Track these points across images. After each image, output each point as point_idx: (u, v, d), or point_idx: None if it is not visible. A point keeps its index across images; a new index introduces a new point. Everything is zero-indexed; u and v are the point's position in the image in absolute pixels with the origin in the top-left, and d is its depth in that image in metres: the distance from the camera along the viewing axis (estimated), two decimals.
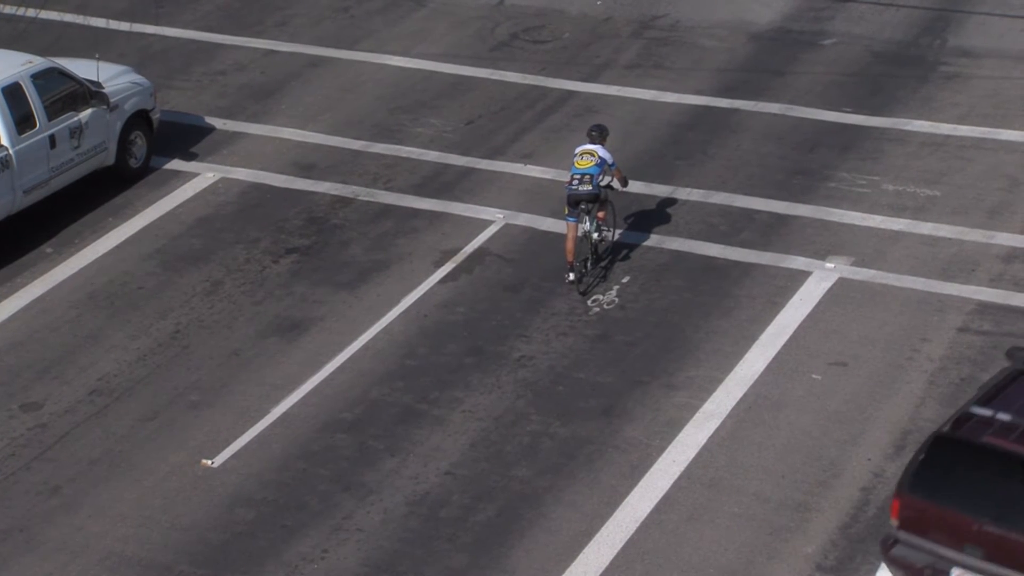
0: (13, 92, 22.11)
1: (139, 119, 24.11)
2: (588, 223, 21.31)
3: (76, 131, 22.91)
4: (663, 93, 26.16)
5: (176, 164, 24.53)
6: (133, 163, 24.12)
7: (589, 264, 21.58)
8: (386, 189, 23.77)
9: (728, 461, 18.22)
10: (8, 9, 28.73)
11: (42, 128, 22.43)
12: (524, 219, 22.90)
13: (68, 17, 28.51)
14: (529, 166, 24.26)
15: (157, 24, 28.51)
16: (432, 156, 24.60)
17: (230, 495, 17.95)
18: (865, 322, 20.48)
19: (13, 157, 22.02)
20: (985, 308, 20.67)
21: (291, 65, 27.39)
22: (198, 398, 19.51)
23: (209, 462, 18.42)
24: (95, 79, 23.47)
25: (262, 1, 29.54)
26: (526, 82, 26.63)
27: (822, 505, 17.53)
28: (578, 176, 21.08)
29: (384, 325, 20.75)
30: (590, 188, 21.05)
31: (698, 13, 28.46)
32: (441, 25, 28.59)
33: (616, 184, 21.68)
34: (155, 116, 24.56)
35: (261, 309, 21.16)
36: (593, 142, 21.40)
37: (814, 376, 19.56)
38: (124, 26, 27.90)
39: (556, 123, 25.47)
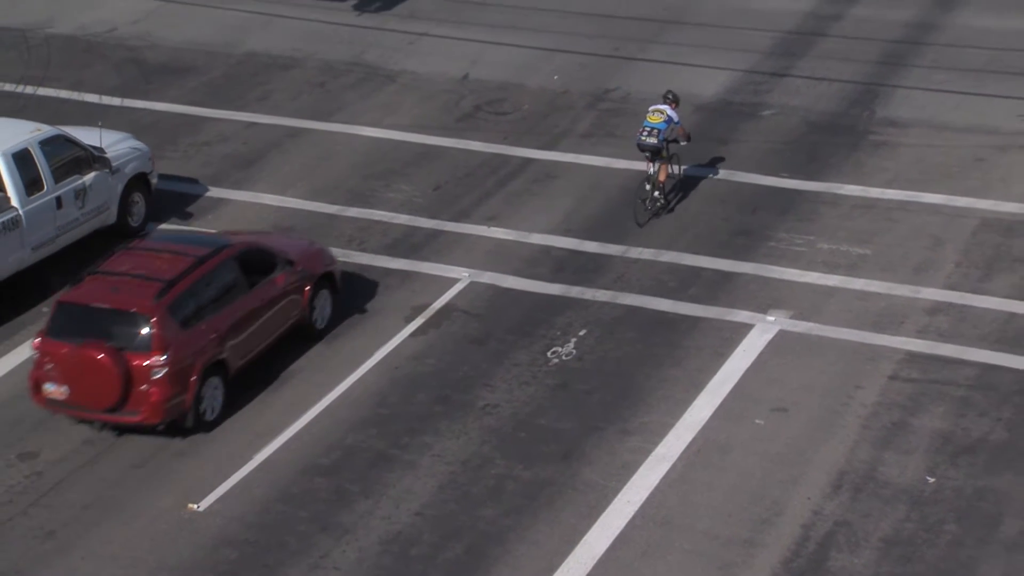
0: (23, 157, 22.24)
1: (138, 181, 24.22)
2: (653, 168, 23.84)
3: (81, 193, 22.97)
4: (616, 160, 26.25)
5: (165, 228, 24.43)
6: (133, 222, 24.19)
7: (648, 203, 23.98)
8: (360, 250, 23.74)
9: (679, 501, 18.18)
10: (8, 86, 28.71)
11: (49, 190, 22.49)
12: (488, 277, 22.89)
13: (64, 93, 28.48)
14: (493, 228, 24.28)
15: (147, 99, 28.49)
16: (402, 219, 24.60)
17: (215, 537, 17.80)
18: (804, 371, 20.52)
19: (23, 217, 22.06)
20: (913, 357, 20.74)
21: (271, 136, 27.39)
22: (185, 446, 19.38)
23: (195, 506, 18.28)
24: (98, 145, 23.55)
25: (244, 77, 29.56)
26: (489, 150, 26.69)
27: (766, 541, 17.50)
28: (647, 129, 23.69)
29: (359, 376, 20.68)
30: (655, 141, 23.64)
31: (647, 86, 28.58)
32: (410, 99, 28.65)
33: (681, 141, 24.25)
34: (153, 179, 24.62)
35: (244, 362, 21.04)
36: (666, 102, 23.96)
37: (757, 421, 19.57)
38: (116, 101, 27.88)
39: (517, 188, 25.51)
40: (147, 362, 18.90)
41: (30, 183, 22.21)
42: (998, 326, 21.34)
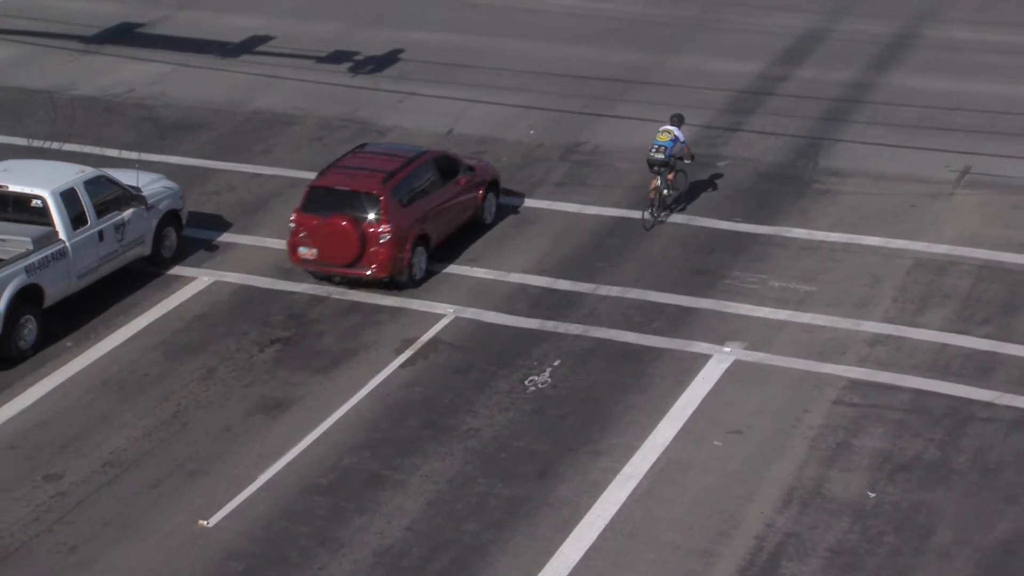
0: (69, 195, 22.41)
1: (171, 217, 24.36)
2: (660, 181, 24.84)
3: (120, 227, 23.12)
4: (586, 206, 26.27)
5: (177, 270, 24.39)
6: (166, 253, 24.34)
7: (656, 209, 25.00)
8: (354, 289, 23.66)
9: (645, 515, 18.13)
10: (37, 142, 28.69)
11: (92, 224, 22.65)
12: (471, 313, 22.87)
13: (87, 148, 28.42)
14: (475, 268, 24.25)
15: (162, 153, 28.44)
16: None
17: (223, 551, 17.69)
18: (757, 397, 20.52)
19: (69, 248, 22.21)
20: (855, 384, 20.76)
21: (274, 186, 27.35)
22: (196, 468, 19.27)
23: (205, 522, 18.17)
24: (135, 184, 23.75)
25: (249, 132, 29.55)
26: None
27: (723, 551, 17.45)
28: (655, 147, 24.87)
29: (354, 403, 20.61)
30: (662, 156, 24.79)
31: (614, 140, 28.67)
32: None
33: (685, 159, 25.18)
34: (183, 215, 24.77)
35: (249, 391, 20.97)
36: (672, 124, 25.12)
37: (715, 443, 19.54)
38: (133, 155, 27.81)
39: (497, 232, 25.49)
40: (377, 230, 22.77)
41: (76, 218, 22.41)
42: (930, 356, 21.39)
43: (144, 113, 30.33)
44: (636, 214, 25.77)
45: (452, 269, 24.21)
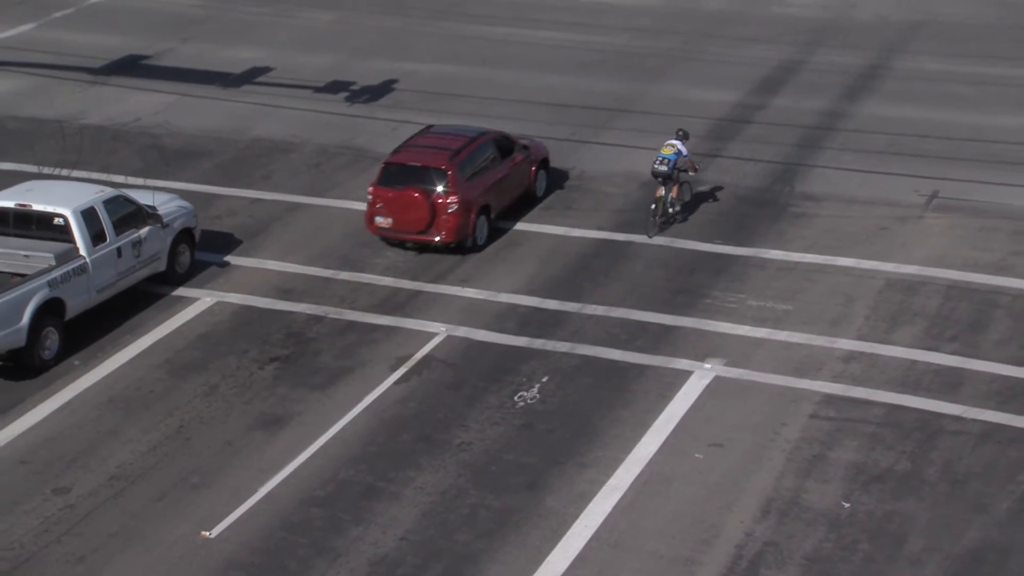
0: (89, 214, 22.59)
1: (184, 235, 24.48)
2: (664, 191, 25.36)
3: (137, 244, 23.27)
4: (572, 229, 26.30)
5: (181, 291, 24.36)
6: (179, 269, 24.44)
7: (658, 217, 25.48)
8: (351, 308, 23.67)
9: (629, 525, 18.11)
10: (47, 169, 28.67)
11: (111, 242, 22.80)
12: (463, 331, 22.85)
13: (95, 175, 28.37)
14: (466, 288, 24.25)
15: (166, 179, 28.41)
16: (387, 281, 24.56)
17: (225, 560, 17.63)
18: (736, 411, 20.52)
19: (89, 264, 22.36)
20: (830, 399, 20.77)
21: (273, 210, 27.35)
22: (198, 481, 19.22)
23: (208, 533, 18.11)
24: (151, 204, 23.87)
25: (250, 159, 29.56)
26: None
27: (704, 560, 17.43)
28: (659, 159, 25.36)
29: (350, 418, 20.57)
30: (665, 169, 25.26)
31: (600, 165, 28.72)
32: None
33: (690, 172, 25.83)
34: (196, 233, 24.85)
35: (250, 407, 20.93)
36: (678, 138, 25.66)
37: (697, 455, 19.53)
38: (139, 181, 27.81)
39: (488, 254, 25.50)
40: (445, 200, 24.63)
41: (95, 236, 22.58)
42: (902, 371, 21.41)
43: (149, 141, 30.33)
44: (621, 236, 25.81)
45: (444, 289, 24.21)
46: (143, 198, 23.93)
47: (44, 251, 22.04)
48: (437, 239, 24.77)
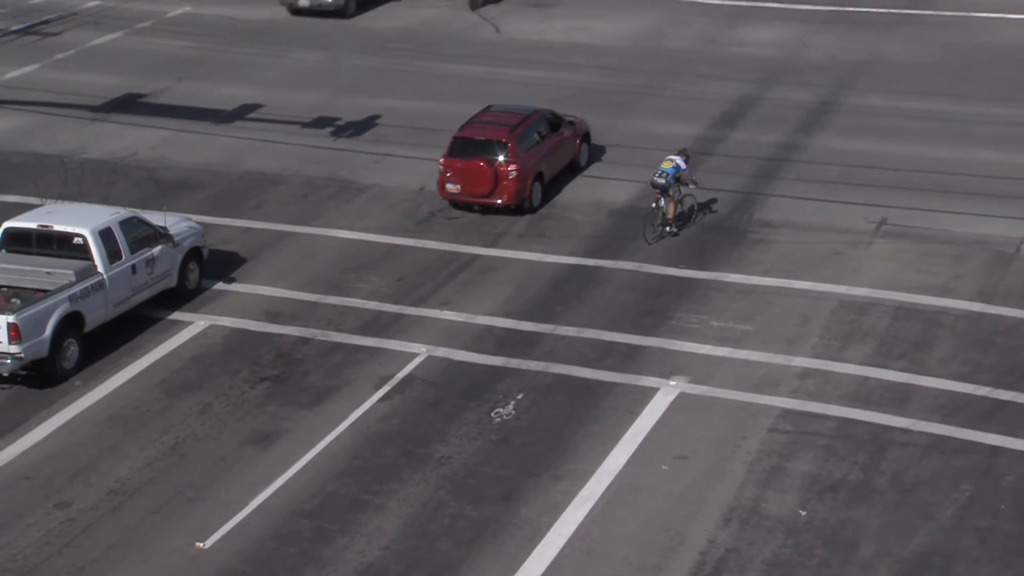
0: (106, 234, 22.88)
1: (194, 253, 24.70)
2: (663, 203, 25.99)
3: (150, 262, 23.51)
4: (546, 255, 26.33)
5: (176, 315, 24.29)
6: (189, 285, 24.61)
7: (656, 226, 26.09)
8: (337, 331, 23.65)
9: (600, 533, 18.12)
10: (50, 201, 28.49)
11: (126, 259, 23.07)
12: (442, 352, 22.85)
13: (95, 205, 28.27)
14: (446, 311, 24.26)
15: (161, 210, 28.34)
16: (372, 305, 24.55)
17: (218, 570, 17.56)
18: (700, 425, 20.56)
19: (107, 280, 22.62)
20: (787, 414, 20.83)
21: (264, 238, 27.31)
22: (193, 494, 19.14)
23: (202, 544, 18.04)
24: (163, 224, 24.11)
25: (242, 191, 29.52)
26: (442, 248, 26.72)
27: (671, 565, 17.45)
28: (658, 172, 26.02)
29: (336, 435, 20.53)
30: (663, 181, 25.88)
31: (571, 195, 28.78)
32: (377, 206, 28.69)
33: (691, 185, 26.40)
34: (205, 251, 25.03)
35: (241, 424, 20.87)
36: (678, 155, 26.29)
37: (663, 467, 19.56)
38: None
39: (466, 279, 25.53)
40: (506, 168, 27.05)
41: (111, 254, 22.87)
42: (853, 387, 21.51)
43: (147, 174, 30.27)
44: (591, 262, 25.86)
45: (424, 312, 24.21)
46: (155, 219, 24.23)
47: (65, 268, 22.37)
48: (499, 202, 27.14)
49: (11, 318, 20.99)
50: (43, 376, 21.78)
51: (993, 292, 24.20)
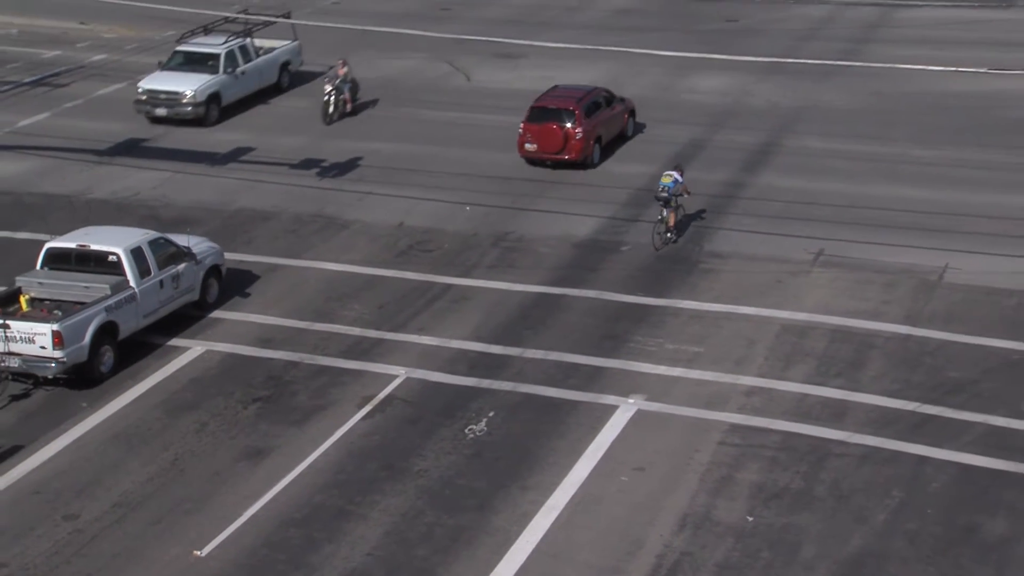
0: (137, 252, 23.47)
1: (214, 270, 25.12)
2: (665, 213, 27.11)
3: (175, 278, 23.97)
4: (514, 284, 26.35)
5: (175, 341, 24.17)
6: (209, 299, 25.02)
7: (663, 235, 27.11)
8: (323, 355, 23.58)
9: (566, 539, 18.10)
10: (58, 238, 28.36)
11: (155, 275, 23.57)
12: (420, 374, 22.82)
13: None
14: (423, 336, 24.23)
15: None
16: (355, 331, 24.49)
17: None
18: (656, 440, 20.59)
19: (138, 294, 23.21)
20: (735, 428, 20.90)
21: (256, 270, 27.23)
22: (191, 506, 19.02)
23: (199, 553, 17.92)
24: (187, 244, 24.55)
25: (235, 226, 29.43)
26: (419, 278, 26.70)
27: (630, 569, 17.45)
28: (660, 187, 27.24)
29: (323, 451, 20.45)
30: (665, 194, 27.03)
31: (537, 229, 28.86)
32: (360, 240, 28.67)
33: (684, 195, 27.48)
34: (223, 269, 25.38)
35: (235, 442, 20.76)
36: (675, 170, 27.43)
37: (623, 478, 19.57)
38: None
39: (441, 307, 25.53)
40: (574, 130, 30.95)
41: (142, 271, 23.38)
42: (795, 404, 21.61)
43: (148, 212, 30.14)
44: (556, 290, 25.90)
45: (404, 337, 24.18)
46: (180, 240, 24.70)
47: (101, 283, 22.91)
48: (567, 157, 30.82)
49: (55, 327, 21.62)
50: (82, 379, 22.25)
51: (919, 316, 24.40)
